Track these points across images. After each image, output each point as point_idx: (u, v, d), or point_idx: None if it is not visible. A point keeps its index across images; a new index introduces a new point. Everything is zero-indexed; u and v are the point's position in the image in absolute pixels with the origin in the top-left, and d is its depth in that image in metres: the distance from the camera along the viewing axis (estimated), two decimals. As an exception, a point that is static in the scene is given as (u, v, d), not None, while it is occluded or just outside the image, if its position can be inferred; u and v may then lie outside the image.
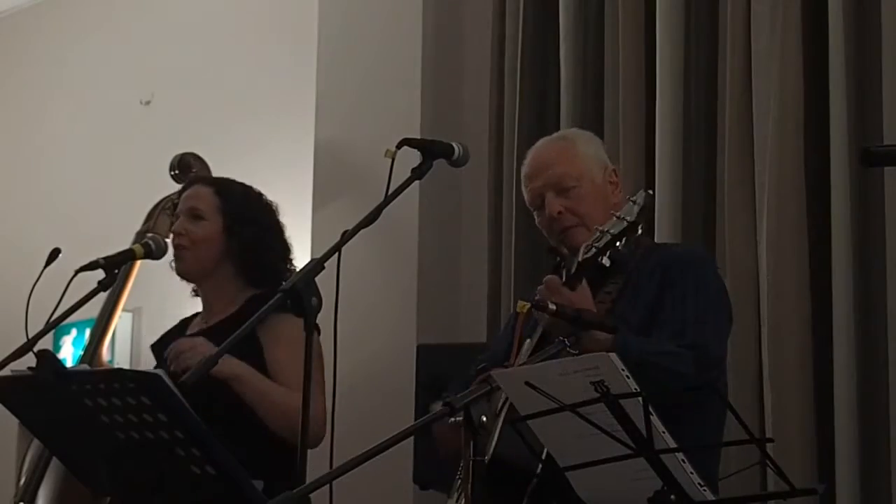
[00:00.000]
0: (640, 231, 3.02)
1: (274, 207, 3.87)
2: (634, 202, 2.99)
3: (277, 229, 3.84)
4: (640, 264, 3.23)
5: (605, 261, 3.02)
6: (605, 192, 3.33)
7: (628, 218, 2.98)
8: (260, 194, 3.88)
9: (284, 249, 3.82)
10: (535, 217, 3.35)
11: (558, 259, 3.21)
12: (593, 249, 3.01)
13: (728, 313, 3.25)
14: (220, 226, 3.77)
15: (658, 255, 3.28)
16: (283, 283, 3.06)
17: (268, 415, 3.47)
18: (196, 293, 3.93)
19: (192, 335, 3.82)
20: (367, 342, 4.69)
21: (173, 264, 3.88)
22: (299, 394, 3.43)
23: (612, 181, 3.36)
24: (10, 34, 7.15)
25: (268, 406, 3.48)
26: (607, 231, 3.00)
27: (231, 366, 3.45)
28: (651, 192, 3.09)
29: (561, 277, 3.08)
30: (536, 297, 3.04)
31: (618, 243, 2.99)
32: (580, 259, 3.03)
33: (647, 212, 3.01)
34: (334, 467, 2.44)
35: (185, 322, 3.94)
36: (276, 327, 3.56)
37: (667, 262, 3.23)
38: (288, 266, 3.78)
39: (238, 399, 3.56)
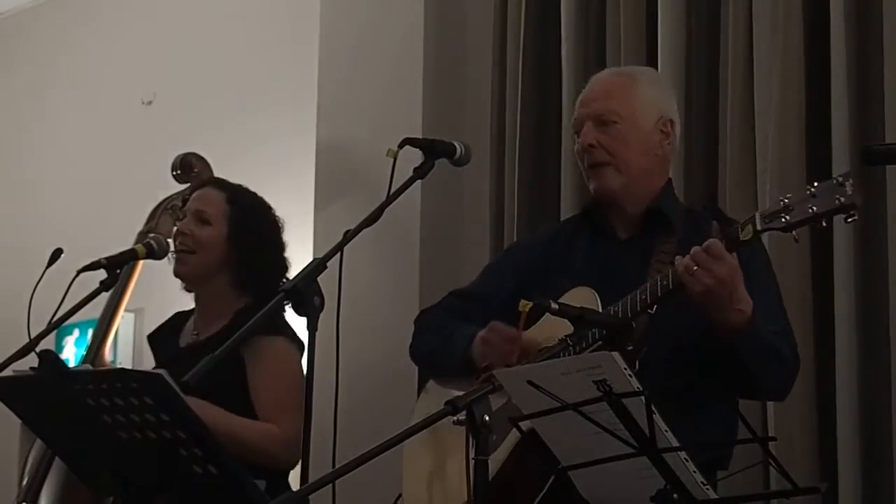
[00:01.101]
0: (853, 217, 2.71)
1: (280, 224, 3.87)
2: (841, 182, 2.70)
3: (279, 246, 3.85)
4: (690, 226, 3.12)
5: (796, 234, 2.77)
6: (650, 139, 3.20)
7: (842, 199, 2.69)
8: (269, 208, 3.88)
9: (282, 267, 3.83)
10: (574, 143, 3.27)
11: (718, 223, 2.91)
12: (783, 220, 2.78)
13: None
14: (224, 233, 3.78)
15: (708, 218, 3.11)
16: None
17: (237, 451, 3.43)
18: (187, 290, 3.94)
19: (183, 348, 3.83)
20: (370, 341, 4.68)
21: (171, 260, 3.88)
22: (268, 424, 3.47)
23: (665, 131, 3.22)
24: (11, 34, 7.15)
25: (237, 445, 3.44)
26: (811, 206, 2.73)
27: (199, 412, 3.45)
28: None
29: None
30: (693, 263, 2.84)
31: (823, 223, 2.75)
32: (760, 227, 2.82)
33: (860, 201, 2.69)
34: (336, 467, 2.44)
35: (181, 318, 3.94)
36: (259, 349, 3.58)
37: None
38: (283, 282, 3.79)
39: (241, 400, 3.58)
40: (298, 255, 3.98)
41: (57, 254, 3.63)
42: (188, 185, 4.61)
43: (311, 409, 2.99)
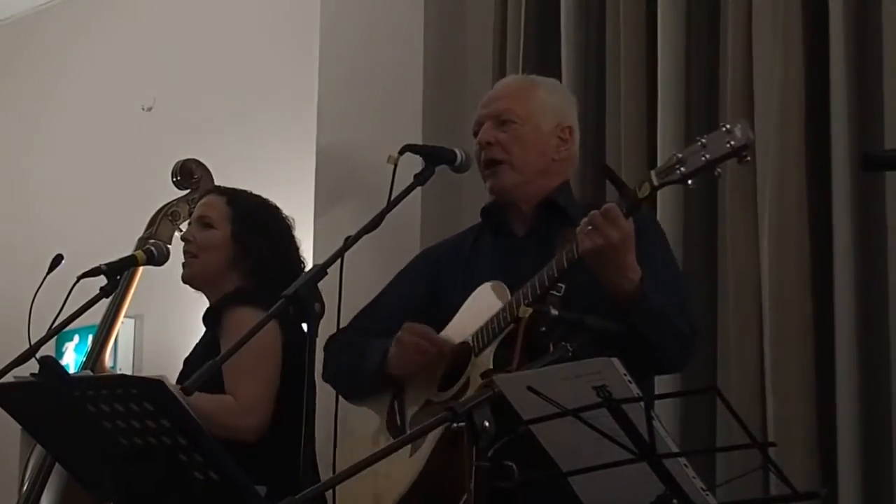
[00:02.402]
0: (747, 158, 2.78)
1: (289, 223, 3.89)
2: (728, 130, 2.78)
3: (288, 244, 3.85)
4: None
5: (692, 184, 2.83)
6: (547, 142, 3.30)
7: (733, 143, 2.77)
8: (275, 208, 3.91)
9: (294, 264, 3.83)
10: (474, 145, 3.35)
11: (615, 186, 2.98)
12: (678, 172, 2.84)
13: None
14: (227, 234, 3.81)
15: None
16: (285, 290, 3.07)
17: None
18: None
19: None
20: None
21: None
22: (225, 396, 3.48)
23: (563, 137, 3.32)
24: (11, 40, 7.16)
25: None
26: (703, 155, 2.79)
27: None
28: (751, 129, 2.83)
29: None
30: (587, 225, 2.91)
31: (718, 170, 2.81)
32: (657, 183, 2.89)
33: (751, 140, 2.78)
34: (336, 472, 2.45)
35: None
36: (228, 321, 3.61)
37: None
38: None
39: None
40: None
41: (57, 260, 3.63)
42: (188, 191, 4.62)
43: (314, 415, 3.00)
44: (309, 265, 3.88)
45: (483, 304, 3.16)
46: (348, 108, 5.08)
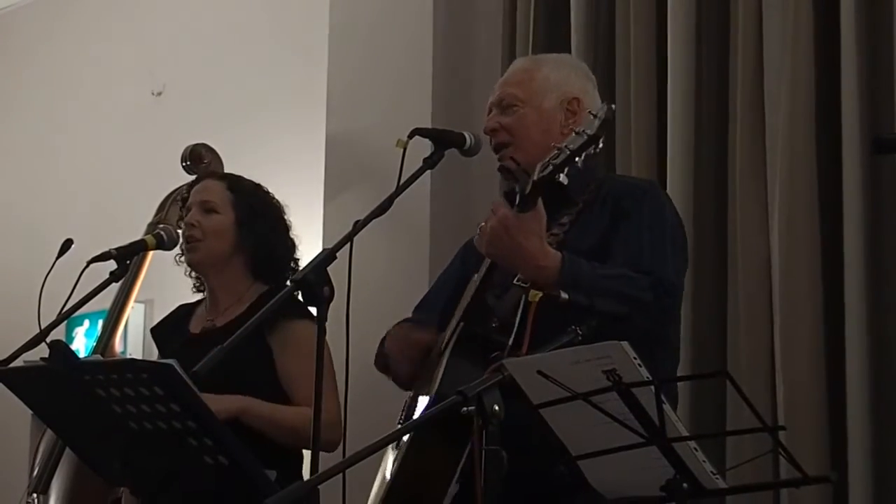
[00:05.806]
0: (600, 146, 2.87)
1: (281, 206, 3.91)
2: (595, 115, 2.86)
3: (284, 227, 3.88)
4: (593, 195, 3.22)
5: (563, 178, 2.89)
6: (551, 118, 3.30)
7: (588, 131, 2.84)
8: (268, 191, 3.93)
9: (291, 247, 3.87)
10: None
11: (514, 183, 3.05)
12: (550, 167, 2.88)
13: (683, 247, 3.28)
14: (232, 219, 3.82)
15: (610, 184, 3.26)
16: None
17: (279, 438, 3.54)
18: (198, 289, 3.96)
19: (197, 334, 3.83)
20: (380, 332, 4.68)
21: (180, 258, 3.91)
22: (308, 409, 3.48)
23: (571, 110, 3.31)
24: (22, 27, 7.16)
25: (278, 430, 3.57)
26: (566, 147, 2.86)
27: (234, 402, 3.53)
28: (613, 105, 2.91)
29: (515, 201, 2.98)
30: (481, 226, 3.00)
31: (577, 159, 2.86)
32: (535, 178, 2.93)
33: (608, 125, 2.85)
34: (347, 456, 2.45)
35: (187, 309, 3.95)
36: (287, 334, 3.60)
37: (619, 192, 3.23)
38: (294, 265, 3.84)
39: (252, 390, 3.59)
40: (308, 246, 3.99)
41: (67, 244, 3.64)
42: (197, 176, 4.62)
43: (321, 399, 3.00)
44: (306, 257, 3.88)
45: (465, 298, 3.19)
46: (357, 93, 5.07)
